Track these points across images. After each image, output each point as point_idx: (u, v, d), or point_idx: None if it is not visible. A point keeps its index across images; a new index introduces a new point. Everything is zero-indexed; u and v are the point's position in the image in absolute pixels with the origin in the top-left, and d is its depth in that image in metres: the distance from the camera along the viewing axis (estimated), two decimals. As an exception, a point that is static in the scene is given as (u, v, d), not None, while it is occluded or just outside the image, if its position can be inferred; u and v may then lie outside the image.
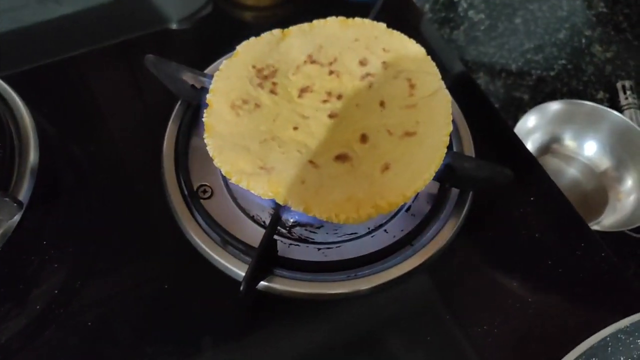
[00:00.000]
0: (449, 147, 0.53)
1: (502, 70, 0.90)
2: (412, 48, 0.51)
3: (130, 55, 0.63)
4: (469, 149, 0.53)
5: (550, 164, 0.81)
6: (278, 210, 0.45)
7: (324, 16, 0.55)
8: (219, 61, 0.58)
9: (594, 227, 0.73)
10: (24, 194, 0.48)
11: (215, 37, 0.66)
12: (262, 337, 0.44)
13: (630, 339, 0.41)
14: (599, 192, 0.78)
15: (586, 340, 0.40)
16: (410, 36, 0.53)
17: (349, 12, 0.55)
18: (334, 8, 0.62)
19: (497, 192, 0.51)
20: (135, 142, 0.55)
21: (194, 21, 0.68)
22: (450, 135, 0.54)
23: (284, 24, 0.65)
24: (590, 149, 0.81)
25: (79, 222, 0.49)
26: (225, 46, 0.65)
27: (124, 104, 0.58)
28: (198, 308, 0.45)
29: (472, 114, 0.55)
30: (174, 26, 0.67)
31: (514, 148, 0.57)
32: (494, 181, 0.46)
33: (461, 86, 0.60)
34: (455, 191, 0.51)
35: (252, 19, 0.70)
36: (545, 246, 0.49)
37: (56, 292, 0.44)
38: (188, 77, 0.51)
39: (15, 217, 0.46)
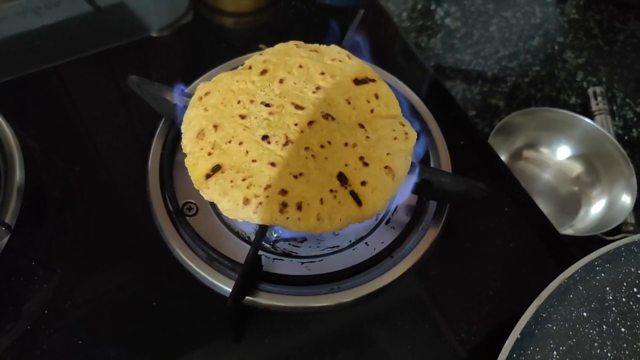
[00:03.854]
0: (427, 161, 0.55)
1: (478, 77, 0.92)
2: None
3: (113, 65, 0.64)
4: (446, 162, 0.55)
5: (526, 169, 0.83)
6: (263, 227, 0.46)
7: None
8: (202, 77, 0.59)
9: (568, 231, 0.75)
10: (11, 216, 0.48)
11: (197, 45, 0.67)
12: (247, 350, 0.45)
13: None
14: (572, 196, 0.80)
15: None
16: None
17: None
18: (314, 13, 0.62)
19: (473, 204, 0.53)
20: (120, 159, 0.56)
21: (175, 29, 0.68)
22: (428, 148, 0.56)
23: (264, 29, 0.66)
24: (564, 154, 0.83)
25: (66, 242, 0.50)
26: (208, 53, 0.66)
27: (107, 117, 0.59)
28: (185, 323, 0.46)
29: (448, 128, 0.57)
30: (155, 35, 0.67)
31: (490, 160, 0.58)
32: (469, 195, 0.48)
33: (439, 99, 0.62)
34: (433, 203, 0.52)
35: (232, 25, 0.71)
36: (519, 255, 0.51)
37: (46, 312, 0.45)
38: (171, 96, 0.52)
39: (3, 240, 0.46)
